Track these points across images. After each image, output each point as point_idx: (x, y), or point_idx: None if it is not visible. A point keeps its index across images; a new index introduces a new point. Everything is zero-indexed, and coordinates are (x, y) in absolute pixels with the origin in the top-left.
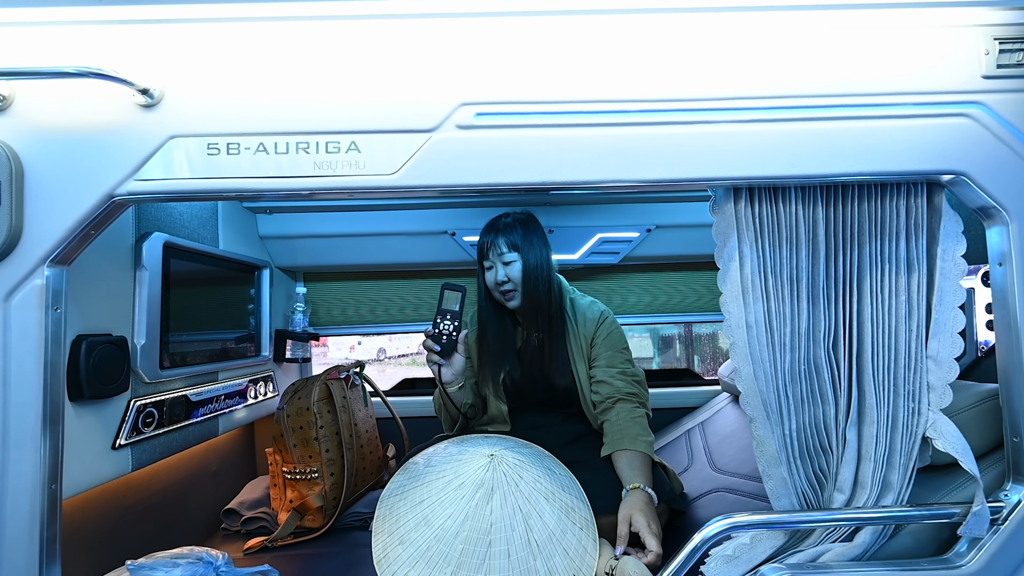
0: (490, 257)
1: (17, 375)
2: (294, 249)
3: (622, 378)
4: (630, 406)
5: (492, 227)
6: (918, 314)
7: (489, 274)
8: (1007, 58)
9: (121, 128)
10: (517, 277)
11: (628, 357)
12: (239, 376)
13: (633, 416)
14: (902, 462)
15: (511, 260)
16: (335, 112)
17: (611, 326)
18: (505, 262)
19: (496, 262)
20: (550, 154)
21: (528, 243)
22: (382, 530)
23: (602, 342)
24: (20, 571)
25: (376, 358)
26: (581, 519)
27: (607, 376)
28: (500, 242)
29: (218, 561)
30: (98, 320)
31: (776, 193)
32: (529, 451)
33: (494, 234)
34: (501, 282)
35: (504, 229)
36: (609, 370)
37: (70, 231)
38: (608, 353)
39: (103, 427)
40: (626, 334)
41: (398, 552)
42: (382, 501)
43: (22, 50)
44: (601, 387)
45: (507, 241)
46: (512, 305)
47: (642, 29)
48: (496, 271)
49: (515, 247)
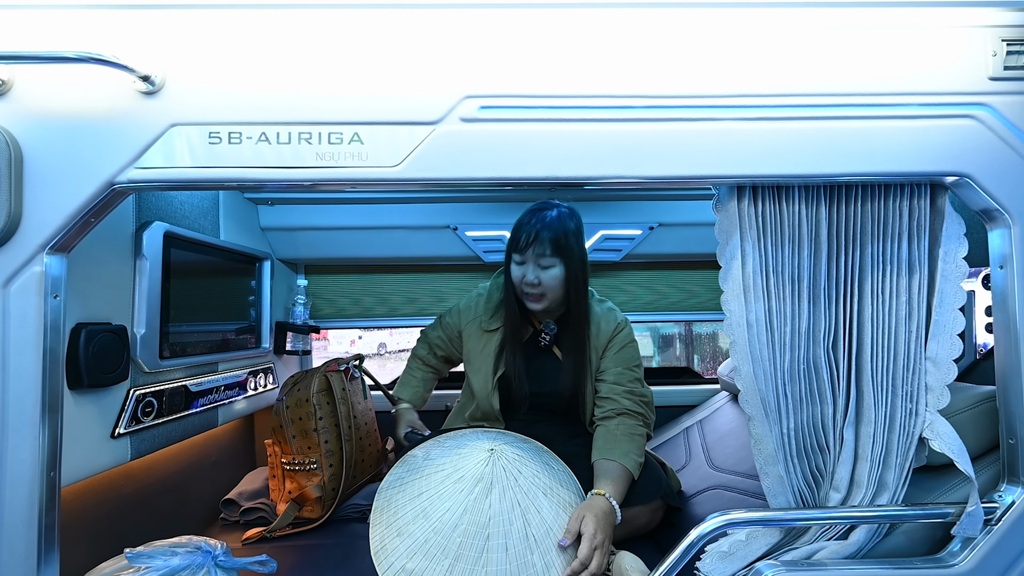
0: (526, 253)
1: (16, 363)
2: (295, 241)
3: (629, 398)
4: (632, 422)
5: (537, 219)
6: (918, 315)
7: (517, 269)
8: (1015, 60)
9: (122, 115)
10: (551, 283)
11: (638, 376)
12: (239, 367)
13: (632, 432)
14: (898, 462)
15: (550, 265)
16: (338, 103)
17: (625, 339)
18: (544, 265)
19: (531, 260)
20: (554, 149)
21: (573, 247)
22: (380, 521)
23: (613, 356)
24: (19, 558)
25: (377, 352)
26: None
27: (612, 393)
28: (544, 239)
29: (216, 551)
30: (98, 309)
31: (779, 192)
32: (528, 446)
33: (539, 227)
34: (532, 283)
35: (551, 225)
36: (615, 387)
37: (70, 218)
38: (617, 369)
39: (102, 416)
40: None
41: (396, 543)
42: (380, 493)
43: (22, 34)
44: (605, 403)
45: (552, 240)
46: (534, 307)
47: (649, 24)
48: (527, 269)
49: (560, 250)
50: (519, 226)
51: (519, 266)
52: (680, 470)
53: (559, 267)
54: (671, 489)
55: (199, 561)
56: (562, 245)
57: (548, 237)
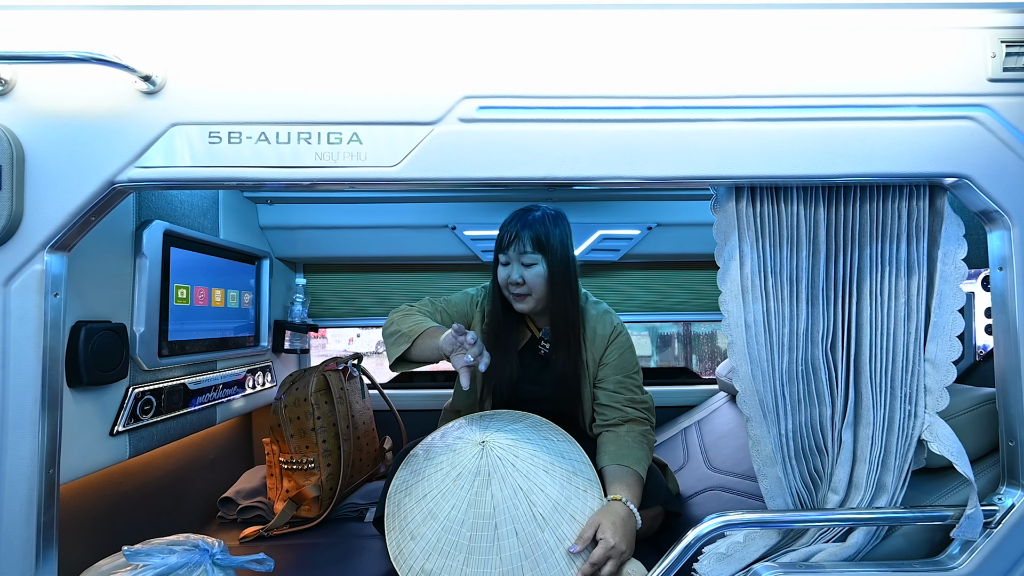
0: (508, 252)
1: (16, 360)
2: (294, 240)
3: (632, 406)
4: (640, 428)
5: (519, 219)
6: (917, 317)
7: (503, 270)
8: (1014, 61)
9: (123, 114)
10: (534, 281)
11: (638, 383)
12: (238, 366)
13: (640, 441)
14: (897, 464)
15: (532, 262)
16: (337, 103)
17: (623, 345)
18: (525, 263)
19: (514, 259)
20: (553, 149)
21: (555, 245)
22: (393, 527)
23: (612, 363)
24: (17, 555)
25: (375, 351)
26: (584, 481)
27: (615, 402)
28: (525, 237)
29: (214, 549)
30: (97, 307)
31: (778, 193)
32: (522, 425)
33: (519, 227)
34: (516, 283)
35: (532, 224)
36: (616, 396)
37: (70, 217)
38: (617, 378)
39: (101, 413)
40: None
41: (411, 547)
42: (389, 498)
43: (24, 34)
44: (608, 411)
45: (533, 238)
46: (520, 308)
47: (648, 25)
48: (512, 269)
49: (541, 247)
50: (501, 232)
51: (504, 267)
52: (678, 471)
53: (541, 264)
54: (671, 494)
55: (196, 559)
56: (543, 243)
57: (529, 235)
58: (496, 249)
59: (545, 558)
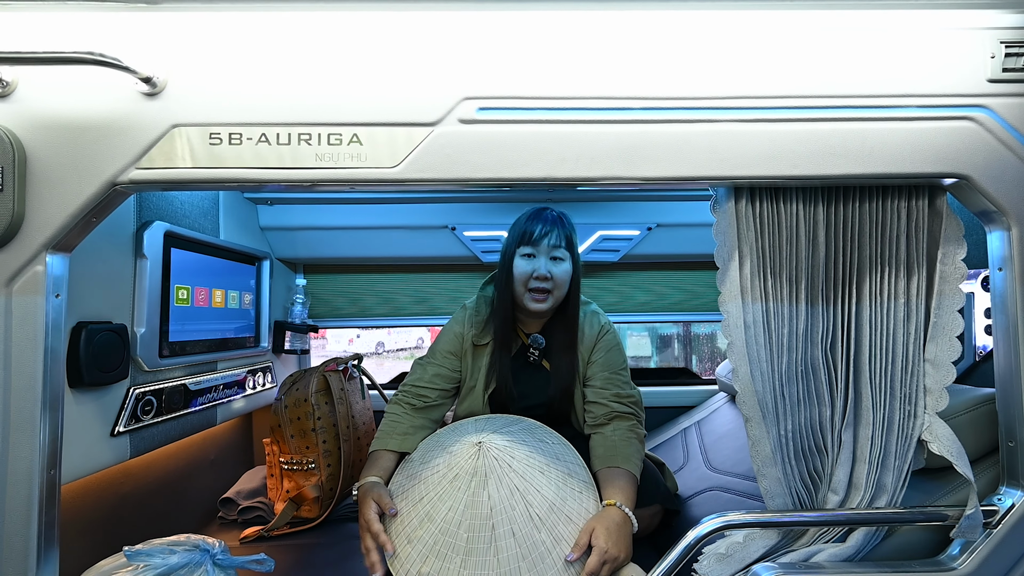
0: (540, 246)
1: (17, 361)
2: (294, 241)
3: (618, 401)
4: (627, 424)
5: (544, 217)
6: (917, 317)
7: (526, 263)
8: (1013, 62)
9: (123, 116)
10: (561, 278)
11: (626, 379)
12: (238, 366)
13: (628, 436)
14: (897, 464)
15: (562, 258)
16: (337, 104)
17: (610, 343)
18: (555, 257)
19: (544, 253)
20: (552, 150)
21: (576, 250)
22: (390, 531)
23: (600, 361)
24: (18, 555)
25: (375, 351)
26: (579, 483)
27: (601, 398)
28: (557, 234)
29: (214, 549)
30: (98, 307)
31: (777, 193)
32: (518, 427)
33: (549, 224)
34: (543, 277)
35: (561, 222)
36: (603, 392)
37: (72, 218)
38: (604, 375)
39: (102, 414)
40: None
41: (408, 551)
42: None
43: (26, 36)
44: (595, 408)
45: (566, 236)
46: (537, 308)
47: (647, 26)
48: (540, 262)
49: (570, 247)
50: (529, 222)
51: (528, 260)
52: (678, 471)
53: (568, 263)
54: (669, 492)
55: (197, 559)
56: (572, 242)
57: (560, 232)
58: (519, 242)
59: (542, 559)
